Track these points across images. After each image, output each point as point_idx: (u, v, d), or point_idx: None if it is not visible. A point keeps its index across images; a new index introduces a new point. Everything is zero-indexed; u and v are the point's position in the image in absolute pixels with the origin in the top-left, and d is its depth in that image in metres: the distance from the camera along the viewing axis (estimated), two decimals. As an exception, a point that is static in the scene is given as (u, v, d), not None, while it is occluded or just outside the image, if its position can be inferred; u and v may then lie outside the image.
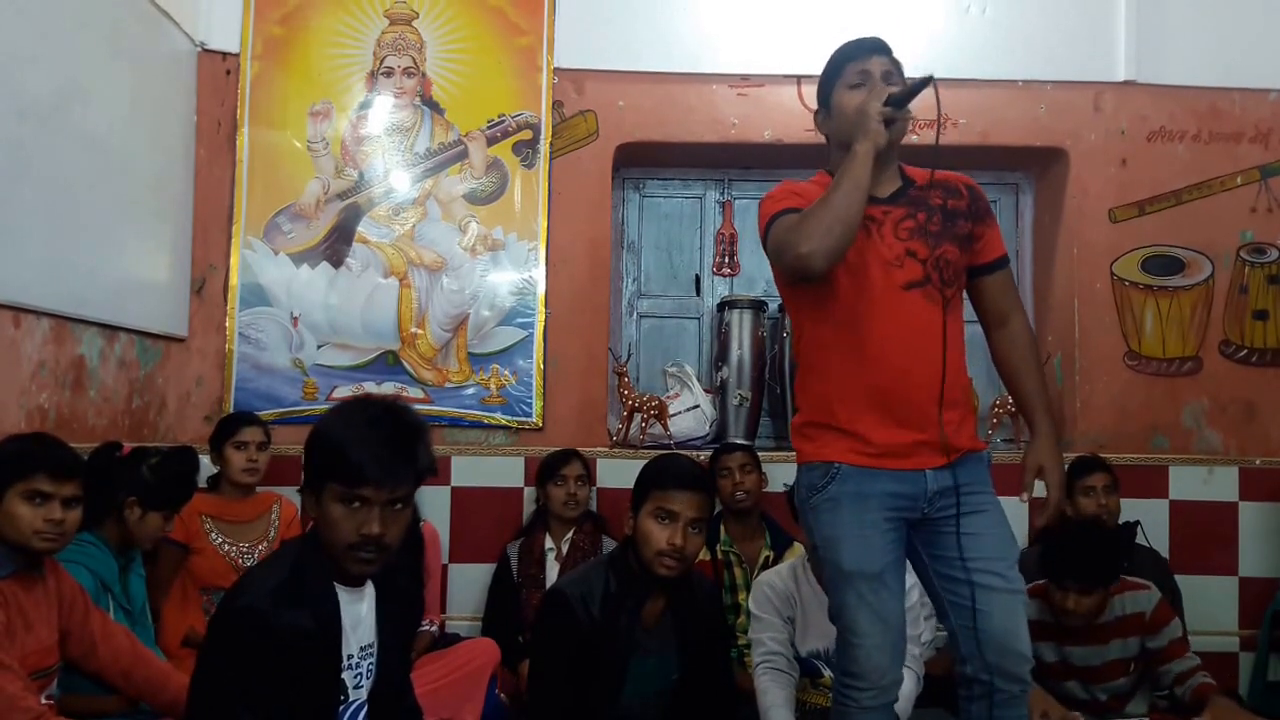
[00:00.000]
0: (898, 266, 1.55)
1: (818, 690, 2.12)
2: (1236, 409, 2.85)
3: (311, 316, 2.80)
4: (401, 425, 1.31)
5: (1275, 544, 2.77)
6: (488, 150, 2.85)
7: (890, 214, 1.58)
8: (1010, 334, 1.66)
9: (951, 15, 2.87)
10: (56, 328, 2.15)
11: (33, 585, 1.55)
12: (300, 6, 2.83)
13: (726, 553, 2.50)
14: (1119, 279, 2.88)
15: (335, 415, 1.34)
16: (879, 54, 1.60)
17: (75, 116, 2.20)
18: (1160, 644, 2.17)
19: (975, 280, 1.65)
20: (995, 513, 1.57)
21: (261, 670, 1.21)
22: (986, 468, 1.60)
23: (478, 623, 2.64)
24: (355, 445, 1.26)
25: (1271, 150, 2.87)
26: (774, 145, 2.89)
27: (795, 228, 1.48)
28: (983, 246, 1.64)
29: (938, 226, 1.59)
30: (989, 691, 1.52)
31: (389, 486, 1.26)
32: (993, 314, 1.67)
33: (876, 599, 1.51)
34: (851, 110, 1.55)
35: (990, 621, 1.50)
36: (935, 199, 1.61)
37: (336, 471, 1.27)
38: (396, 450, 1.28)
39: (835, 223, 1.45)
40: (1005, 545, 1.56)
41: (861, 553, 1.52)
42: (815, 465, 1.57)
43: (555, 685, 1.69)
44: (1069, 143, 2.88)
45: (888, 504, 1.53)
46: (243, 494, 2.40)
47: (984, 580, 1.52)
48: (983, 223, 1.64)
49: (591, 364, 2.84)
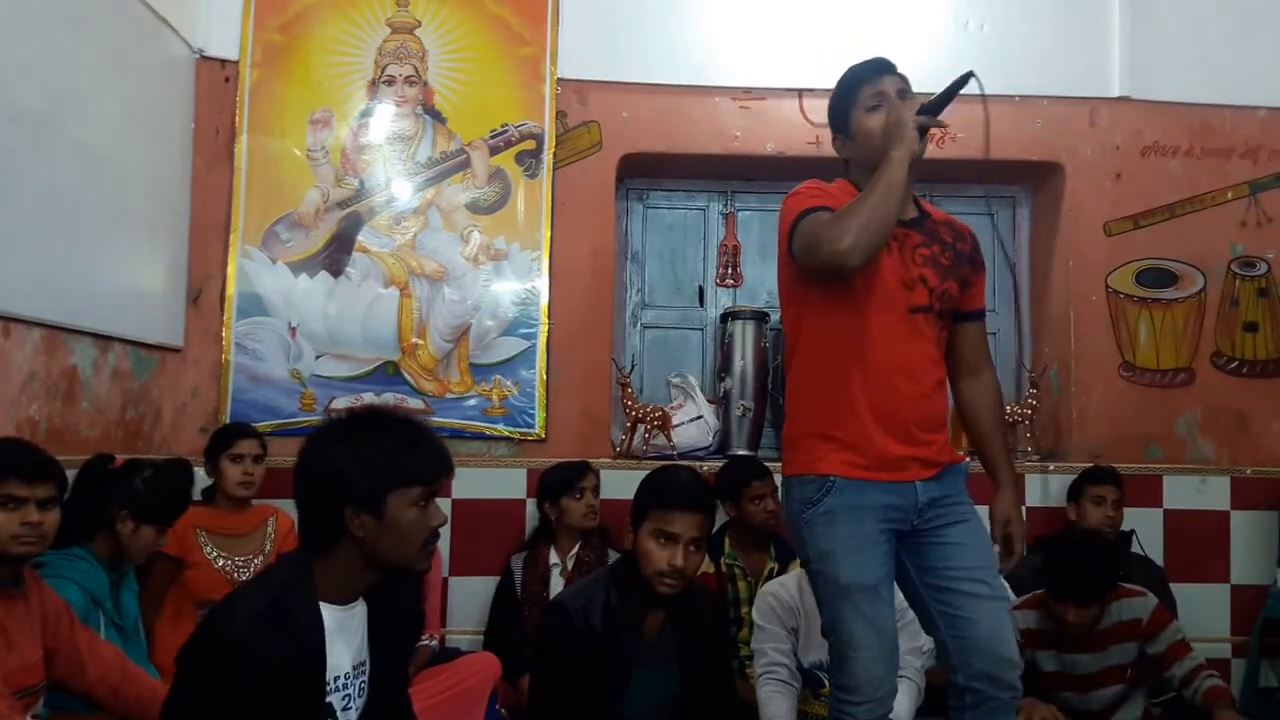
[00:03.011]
0: (911, 290, 1.58)
1: (819, 701, 2.12)
2: (1228, 419, 2.90)
3: (310, 327, 2.76)
4: (411, 421, 1.38)
5: (1266, 552, 2.82)
6: (490, 160, 2.83)
7: (910, 238, 1.61)
8: (981, 385, 1.71)
9: (950, 31, 2.91)
10: (48, 338, 2.10)
11: (13, 603, 1.52)
12: (301, 14, 2.80)
13: (731, 566, 2.50)
14: (1114, 291, 2.93)
15: (348, 433, 1.31)
16: (888, 74, 1.63)
17: (71, 124, 2.17)
18: (1160, 649, 2.20)
19: (957, 325, 1.69)
20: (975, 522, 1.62)
21: (240, 698, 1.17)
22: (964, 479, 1.65)
23: (478, 637, 2.62)
24: (413, 448, 1.30)
25: (1261, 166, 2.94)
26: (776, 158, 2.91)
27: (830, 224, 1.49)
28: (972, 294, 1.69)
29: (948, 261, 1.64)
30: (980, 700, 1.54)
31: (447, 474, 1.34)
32: (965, 362, 1.71)
33: (873, 611, 1.53)
34: (880, 129, 1.57)
35: (978, 629, 1.53)
36: (946, 235, 1.67)
37: (409, 475, 1.28)
38: (435, 440, 1.36)
39: (873, 221, 1.47)
40: (987, 554, 1.60)
41: (858, 566, 1.54)
42: (810, 479, 1.59)
43: (556, 698, 1.68)
44: (1065, 157, 2.93)
45: (881, 516, 1.56)
46: (238, 507, 2.37)
47: (970, 589, 1.56)
48: (978, 272, 1.71)
49: (595, 375, 2.83)
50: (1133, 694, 2.26)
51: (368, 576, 1.31)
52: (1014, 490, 1.68)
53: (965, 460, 1.68)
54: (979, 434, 1.71)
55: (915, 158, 1.52)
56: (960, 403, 1.73)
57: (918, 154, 1.52)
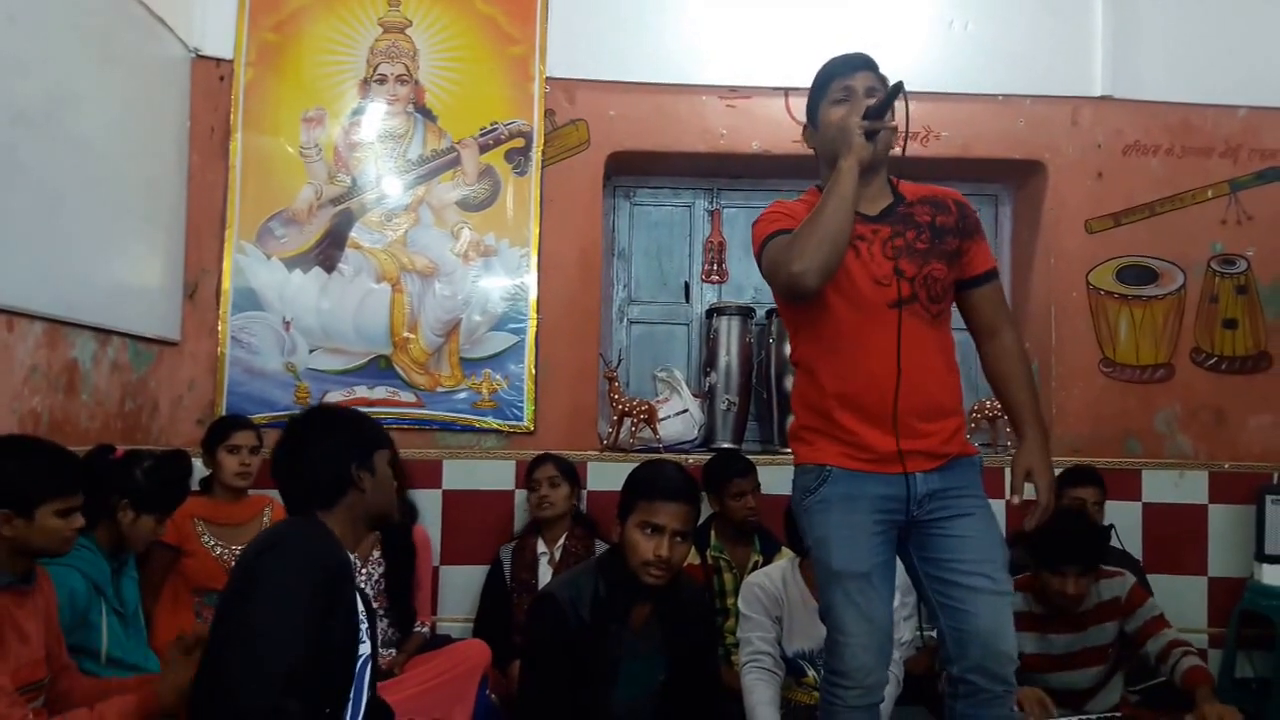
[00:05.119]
0: (886, 285, 1.57)
1: (802, 689, 2.17)
2: (1206, 415, 2.93)
3: (304, 321, 2.81)
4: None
5: (1243, 545, 2.86)
6: (480, 158, 2.88)
7: (879, 232, 1.60)
8: (1001, 345, 1.68)
9: (935, 31, 2.93)
10: (50, 331, 2.15)
11: (25, 598, 1.55)
12: (294, 13, 2.85)
13: (717, 558, 2.54)
14: (1094, 288, 2.96)
15: (323, 418, 1.59)
16: (864, 70, 1.63)
17: (69, 122, 2.21)
18: (1137, 625, 2.22)
19: (964, 293, 1.68)
20: (984, 516, 1.60)
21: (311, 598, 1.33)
22: (978, 472, 1.64)
23: (469, 624, 2.67)
24: (371, 422, 1.60)
25: (1240, 165, 2.96)
26: (762, 156, 2.94)
27: (787, 247, 1.52)
28: (970, 260, 1.66)
29: (925, 244, 1.61)
30: (974, 691, 1.55)
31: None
32: (983, 326, 1.69)
33: (863, 599, 1.55)
34: (833, 125, 1.59)
35: (977, 622, 1.54)
36: (923, 215, 1.63)
37: (382, 439, 1.55)
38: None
39: (824, 240, 1.48)
40: (994, 548, 1.59)
41: (849, 553, 1.56)
42: (809, 468, 1.61)
43: (546, 687, 1.72)
44: (1047, 156, 2.96)
45: (876, 506, 1.57)
46: (234, 497, 2.41)
47: (972, 582, 1.55)
48: (970, 238, 1.66)
49: (582, 369, 2.87)
50: (1111, 678, 2.29)
51: (359, 531, 1.51)
52: (1039, 441, 1.60)
53: (978, 453, 1.65)
54: (1002, 391, 1.67)
55: (866, 162, 1.53)
56: (984, 367, 1.71)
57: (867, 159, 1.53)
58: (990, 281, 1.69)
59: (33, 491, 1.52)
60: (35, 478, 1.53)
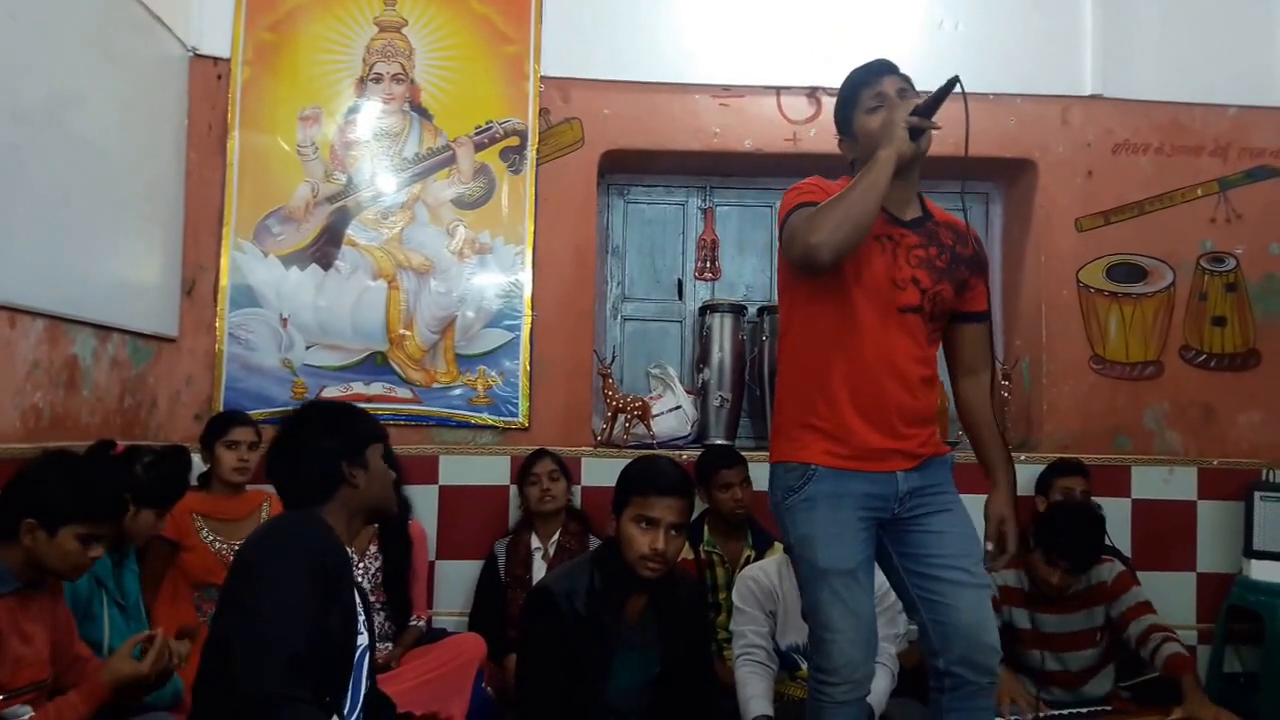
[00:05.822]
0: (901, 289, 1.60)
1: (795, 683, 2.19)
2: (1195, 411, 2.95)
3: (301, 318, 2.83)
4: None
5: (1231, 541, 2.88)
6: (475, 156, 2.90)
7: (907, 238, 1.62)
8: (978, 385, 1.73)
9: (925, 30, 2.95)
10: (51, 328, 2.18)
11: (30, 600, 1.56)
12: (291, 13, 2.87)
13: (710, 553, 2.56)
14: (1084, 286, 2.98)
15: (319, 414, 1.59)
16: (889, 74, 1.65)
17: (68, 121, 2.23)
18: (1121, 610, 2.26)
19: (956, 325, 1.71)
20: (959, 511, 1.64)
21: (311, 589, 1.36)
22: (949, 469, 1.68)
23: (464, 619, 2.69)
24: (365, 415, 1.65)
25: (1230, 164, 2.98)
26: (754, 154, 2.96)
27: (809, 219, 1.52)
28: (973, 296, 1.71)
29: (944, 264, 1.64)
30: (959, 684, 1.58)
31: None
32: (965, 362, 1.73)
33: (850, 595, 1.57)
34: (877, 128, 1.59)
35: (959, 615, 1.57)
36: (946, 238, 1.66)
37: (377, 433, 1.57)
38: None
39: (847, 220, 1.48)
40: (970, 542, 1.63)
41: (835, 550, 1.58)
42: (793, 467, 1.62)
43: (542, 679, 1.74)
44: (1037, 154, 2.98)
45: (861, 504, 1.59)
46: (233, 492, 2.43)
47: (952, 575, 1.58)
48: (979, 275, 1.71)
49: (576, 365, 2.89)
50: (1105, 665, 2.32)
51: (355, 525, 1.52)
52: (1009, 489, 1.67)
53: (950, 451, 1.70)
54: (975, 434, 1.73)
55: (906, 158, 1.54)
56: (959, 403, 1.75)
57: (908, 154, 1.53)
58: (983, 321, 1.73)
59: (62, 508, 1.52)
60: (68, 495, 1.53)
